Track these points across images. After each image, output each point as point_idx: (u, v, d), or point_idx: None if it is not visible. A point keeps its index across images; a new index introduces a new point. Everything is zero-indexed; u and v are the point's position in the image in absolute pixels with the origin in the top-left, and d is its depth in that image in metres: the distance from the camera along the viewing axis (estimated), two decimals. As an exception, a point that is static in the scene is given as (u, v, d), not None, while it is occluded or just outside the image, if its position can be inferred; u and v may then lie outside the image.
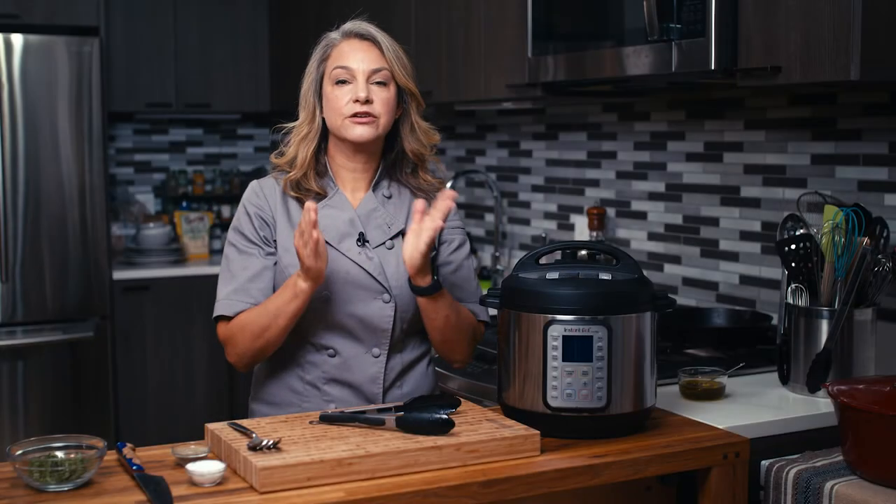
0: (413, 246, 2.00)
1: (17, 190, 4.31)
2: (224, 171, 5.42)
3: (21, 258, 4.33)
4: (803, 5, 2.29)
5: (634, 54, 2.67)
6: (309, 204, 1.94)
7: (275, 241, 2.14)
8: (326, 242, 2.09)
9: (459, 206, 4.53)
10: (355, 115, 2.09)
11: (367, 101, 2.09)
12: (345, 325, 2.12)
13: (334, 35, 2.17)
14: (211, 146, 5.48)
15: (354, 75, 2.10)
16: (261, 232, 2.14)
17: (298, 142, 2.16)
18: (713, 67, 2.45)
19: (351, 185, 2.19)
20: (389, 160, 2.21)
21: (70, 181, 4.39)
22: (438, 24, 3.78)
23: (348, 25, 2.17)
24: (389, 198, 2.19)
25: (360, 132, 2.10)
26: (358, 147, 2.14)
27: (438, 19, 3.77)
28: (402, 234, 2.16)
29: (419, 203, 2.03)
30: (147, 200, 5.30)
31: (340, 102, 2.10)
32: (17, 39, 4.29)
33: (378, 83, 2.11)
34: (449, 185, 4.18)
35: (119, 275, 4.62)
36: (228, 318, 2.11)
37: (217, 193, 5.33)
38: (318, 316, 2.11)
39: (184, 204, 5.25)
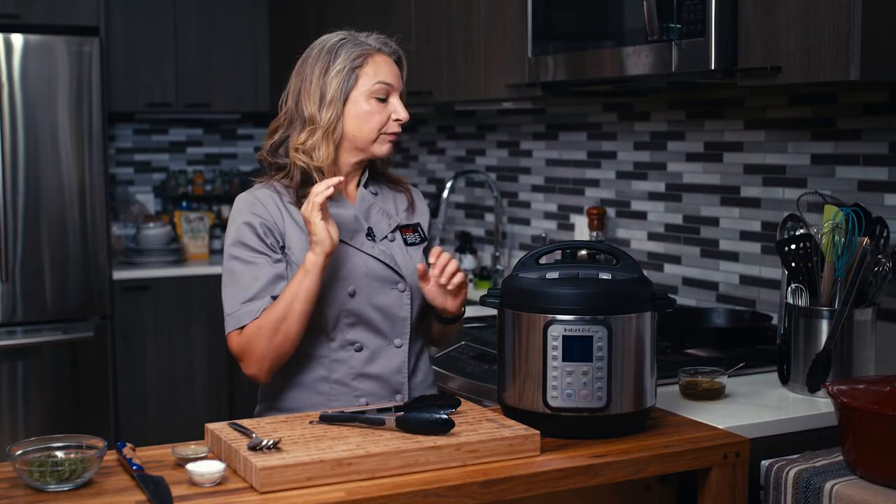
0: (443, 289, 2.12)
1: (17, 190, 4.30)
2: (224, 171, 5.42)
3: (21, 258, 4.33)
4: (803, 5, 2.29)
5: (634, 54, 2.67)
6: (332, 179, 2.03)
7: (282, 247, 2.13)
8: (342, 241, 2.11)
9: (459, 206, 4.54)
10: (390, 133, 2.16)
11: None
12: (370, 318, 2.15)
13: (369, 43, 2.15)
14: (211, 146, 5.48)
15: (393, 94, 2.15)
16: (267, 240, 2.11)
17: (327, 139, 2.12)
18: (713, 67, 2.45)
19: (344, 186, 2.21)
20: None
21: (70, 181, 4.39)
22: (438, 24, 3.77)
23: (380, 38, 2.17)
24: (376, 194, 2.24)
25: (389, 149, 2.19)
26: (371, 158, 2.20)
27: (438, 19, 3.77)
28: (398, 226, 2.23)
29: (420, 266, 2.12)
30: (147, 200, 5.30)
31: (381, 118, 2.14)
32: (17, 39, 4.28)
33: None
34: (449, 184, 4.18)
35: (119, 275, 4.62)
36: (240, 330, 2.08)
37: (217, 193, 5.33)
38: (344, 312, 2.13)
39: (184, 204, 5.25)
